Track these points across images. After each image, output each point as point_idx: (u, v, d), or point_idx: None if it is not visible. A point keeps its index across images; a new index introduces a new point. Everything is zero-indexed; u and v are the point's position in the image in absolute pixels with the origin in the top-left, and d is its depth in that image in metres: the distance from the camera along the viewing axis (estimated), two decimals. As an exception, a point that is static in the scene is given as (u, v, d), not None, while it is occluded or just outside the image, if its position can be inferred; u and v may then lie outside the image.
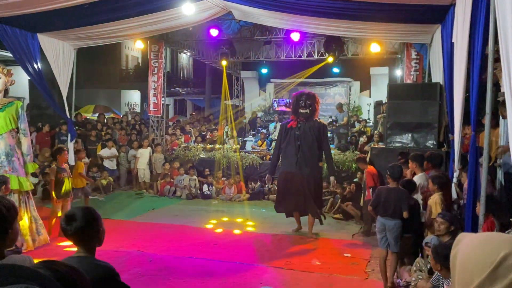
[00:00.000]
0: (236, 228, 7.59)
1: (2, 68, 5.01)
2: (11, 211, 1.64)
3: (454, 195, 5.30)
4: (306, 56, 13.52)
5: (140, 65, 26.72)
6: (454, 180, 5.35)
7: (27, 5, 6.64)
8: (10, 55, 9.79)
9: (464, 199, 4.70)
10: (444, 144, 6.78)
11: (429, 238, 4.41)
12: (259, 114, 17.83)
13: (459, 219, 4.44)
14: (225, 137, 13.40)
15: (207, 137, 13.29)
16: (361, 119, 13.80)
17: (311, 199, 6.87)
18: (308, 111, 6.93)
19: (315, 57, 13.37)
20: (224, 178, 10.66)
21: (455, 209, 5.22)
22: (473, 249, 1.11)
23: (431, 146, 6.76)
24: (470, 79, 4.17)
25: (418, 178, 5.38)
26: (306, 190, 6.84)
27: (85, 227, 2.15)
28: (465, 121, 4.77)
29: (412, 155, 5.71)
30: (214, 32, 11.59)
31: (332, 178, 7.20)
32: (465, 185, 4.67)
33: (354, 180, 8.52)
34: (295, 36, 11.42)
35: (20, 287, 0.79)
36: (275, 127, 13.85)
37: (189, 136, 13.34)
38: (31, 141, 10.72)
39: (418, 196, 5.25)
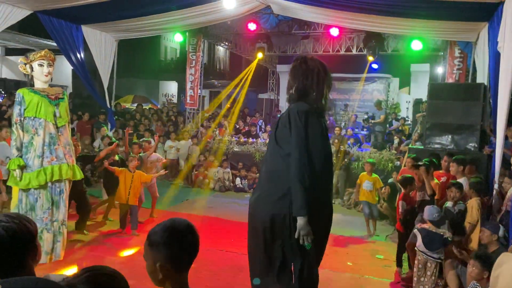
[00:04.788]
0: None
1: (54, 57, 5.03)
2: (33, 225, 1.58)
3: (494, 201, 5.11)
4: (345, 51, 13.32)
5: (178, 56, 27.11)
6: (496, 186, 5.14)
7: (73, -2, 6.87)
8: (54, 44, 10.16)
9: (507, 205, 4.52)
10: (486, 147, 6.56)
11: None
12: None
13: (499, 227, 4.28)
14: (258, 130, 13.43)
15: (242, 130, 13.35)
16: (399, 117, 13.49)
17: (273, 264, 3.10)
18: (291, 90, 3.12)
19: (354, 52, 13.16)
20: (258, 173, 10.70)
21: (495, 215, 5.04)
22: None
23: (472, 149, 6.54)
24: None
25: (463, 182, 5.21)
26: (260, 245, 3.13)
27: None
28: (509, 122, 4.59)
29: (460, 158, 5.50)
30: (252, 26, 11.60)
31: (301, 221, 2.83)
32: (510, 193, 4.50)
33: (389, 181, 8.34)
34: (334, 32, 11.26)
35: None
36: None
37: (224, 129, 13.44)
38: (73, 129, 11.18)
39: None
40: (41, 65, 4.74)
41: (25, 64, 4.76)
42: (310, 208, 2.84)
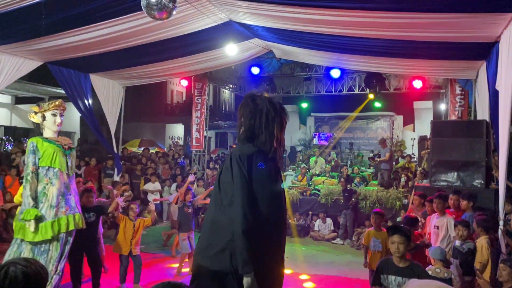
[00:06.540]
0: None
1: (65, 107, 4.81)
2: (45, 272, 1.68)
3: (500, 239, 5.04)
4: (347, 91, 13.54)
5: (185, 99, 27.59)
6: (501, 224, 5.06)
7: (81, 50, 7.12)
8: (62, 92, 10.43)
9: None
10: (492, 183, 6.53)
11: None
12: (299, 148, 17.84)
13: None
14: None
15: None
16: (405, 154, 13.49)
17: None
18: (239, 129, 2.99)
19: (356, 91, 13.36)
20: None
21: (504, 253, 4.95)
22: None
23: (479, 186, 6.51)
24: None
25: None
26: None
27: None
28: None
29: (443, 195, 5.48)
30: (255, 70, 11.88)
31: (247, 279, 2.46)
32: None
33: (398, 219, 8.26)
34: (335, 73, 11.45)
35: None
36: (315, 162, 13.80)
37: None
38: (80, 175, 11.27)
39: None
40: (54, 115, 4.68)
41: (36, 113, 4.68)
42: (258, 262, 2.50)
